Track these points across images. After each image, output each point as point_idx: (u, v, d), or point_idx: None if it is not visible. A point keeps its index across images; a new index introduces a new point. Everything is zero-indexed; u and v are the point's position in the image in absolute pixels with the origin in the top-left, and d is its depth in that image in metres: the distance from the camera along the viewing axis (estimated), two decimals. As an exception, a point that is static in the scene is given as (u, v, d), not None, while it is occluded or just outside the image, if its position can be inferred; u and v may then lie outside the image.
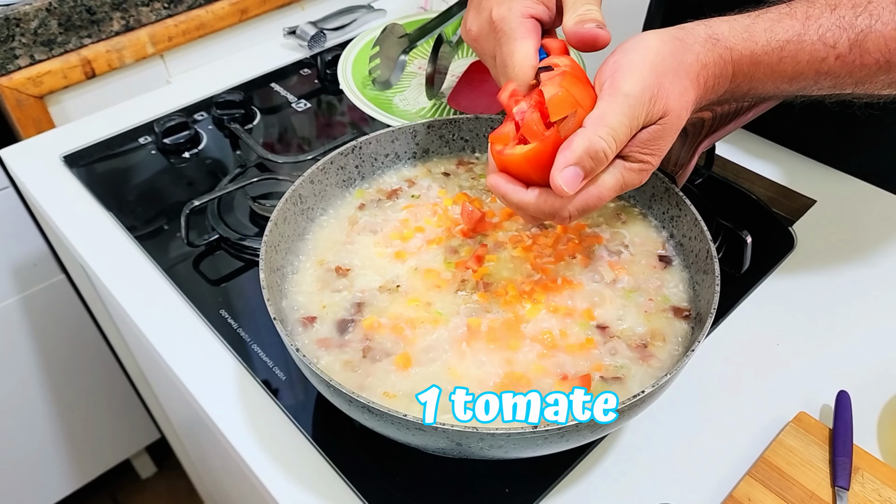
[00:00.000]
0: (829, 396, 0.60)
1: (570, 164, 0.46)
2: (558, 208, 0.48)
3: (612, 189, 0.48)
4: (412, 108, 0.86)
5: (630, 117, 0.46)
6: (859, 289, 0.70)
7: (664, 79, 0.47)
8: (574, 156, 0.45)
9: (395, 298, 0.56)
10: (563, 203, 0.48)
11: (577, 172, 0.46)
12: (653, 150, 0.48)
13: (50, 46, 0.95)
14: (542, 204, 0.48)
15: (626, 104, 0.46)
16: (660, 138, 0.48)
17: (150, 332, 0.68)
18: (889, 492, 0.53)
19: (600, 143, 0.45)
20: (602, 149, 0.45)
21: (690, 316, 0.55)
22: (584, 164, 0.46)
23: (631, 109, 0.46)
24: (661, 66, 0.47)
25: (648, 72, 0.46)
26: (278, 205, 0.57)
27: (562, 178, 0.46)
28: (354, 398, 0.44)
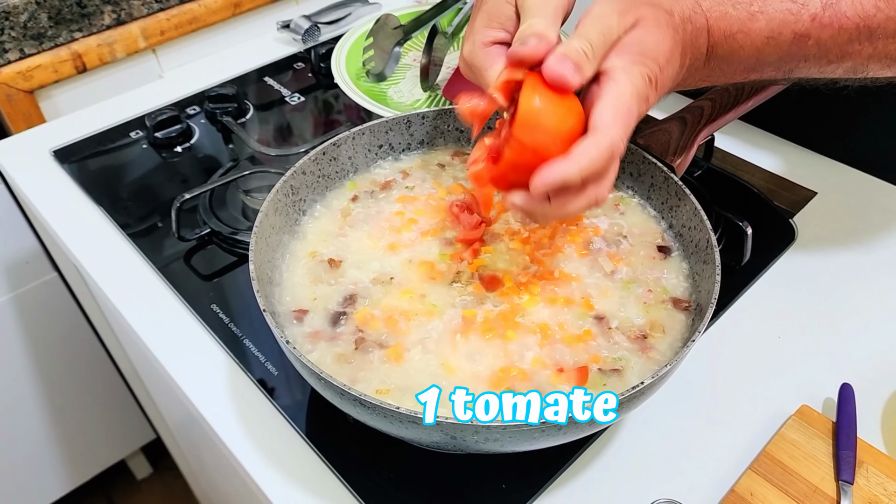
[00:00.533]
0: (831, 389, 0.59)
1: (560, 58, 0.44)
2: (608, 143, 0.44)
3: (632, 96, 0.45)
4: (407, 99, 0.85)
5: (599, 25, 0.45)
6: (861, 280, 0.69)
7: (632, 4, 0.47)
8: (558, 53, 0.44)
9: (388, 290, 0.55)
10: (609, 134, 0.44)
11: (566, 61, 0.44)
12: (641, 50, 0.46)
13: (40, 40, 0.93)
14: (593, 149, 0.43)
15: (593, 18, 0.45)
16: (645, 38, 0.46)
17: (141, 328, 0.67)
18: (894, 485, 0.52)
19: (574, 42, 0.45)
20: (579, 46, 0.44)
21: (690, 307, 0.53)
22: (569, 57, 0.44)
23: (598, 20, 0.45)
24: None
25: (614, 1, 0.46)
26: (269, 195, 0.55)
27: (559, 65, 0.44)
28: (346, 391, 0.43)
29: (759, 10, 0.50)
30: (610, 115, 0.44)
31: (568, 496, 0.53)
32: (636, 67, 0.46)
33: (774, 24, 0.50)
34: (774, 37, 0.50)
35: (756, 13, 0.50)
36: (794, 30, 0.50)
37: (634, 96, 0.45)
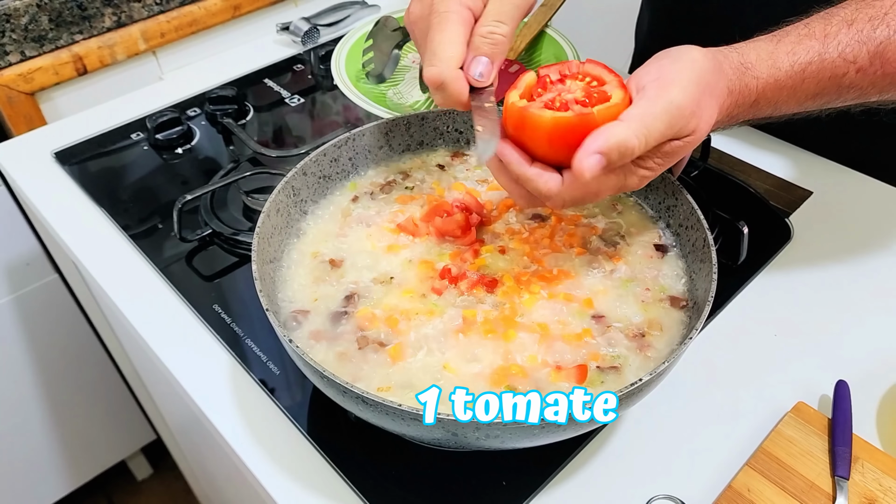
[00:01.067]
0: (827, 386, 0.59)
1: (599, 152, 0.44)
2: (555, 193, 0.47)
3: (611, 189, 0.48)
4: (406, 101, 0.86)
5: (668, 125, 0.45)
6: (857, 279, 0.70)
7: (704, 96, 0.47)
8: (606, 145, 0.44)
9: (389, 290, 0.55)
10: (560, 190, 0.47)
11: (600, 161, 0.44)
12: (666, 161, 0.48)
13: (41, 43, 0.94)
14: (542, 183, 0.47)
15: (669, 113, 0.45)
16: (677, 153, 0.48)
17: (144, 328, 0.67)
18: (890, 481, 0.53)
19: (633, 141, 0.44)
20: (633, 147, 0.44)
21: (687, 305, 0.54)
22: (611, 156, 0.44)
23: (672, 119, 0.45)
24: (704, 83, 0.47)
25: (695, 86, 0.46)
26: (271, 196, 0.56)
27: (587, 163, 0.44)
28: (349, 389, 0.43)
29: (811, 75, 0.51)
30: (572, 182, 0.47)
31: (568, 492, 0.54)
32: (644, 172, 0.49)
33: (823, 83, 0.51)
34: (819, 93, 0.52)
35: (808, 78, 0.51)
36: (840, 84, 0.51)
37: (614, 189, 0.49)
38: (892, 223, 0.75)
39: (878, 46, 0.50)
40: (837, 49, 0.50)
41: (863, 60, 0.51)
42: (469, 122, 0.67)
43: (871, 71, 0.51)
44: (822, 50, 0.50)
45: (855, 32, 0.51)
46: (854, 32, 0.51)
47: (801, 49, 0.51)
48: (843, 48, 0.50)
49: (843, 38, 0.51)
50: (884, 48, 0.50)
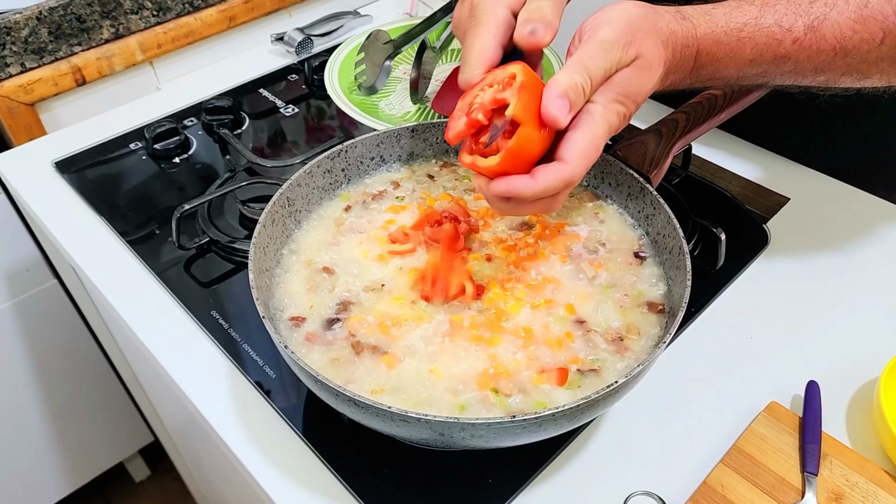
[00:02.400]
0: (799, 387, 0.62)
1: (559, 97, 0.48)
2: (569, 175, 0.48)
3: (602, 136, 0.50)
4: (397, 112, 0.88)
5: (604, 59, 0.49)
6: (831, 283, 0.72)
7: (638, 32, 0.50)
8: (558, 89, 0.47)
9: (380, 297, 0.58)
10: (571, 168, 0.48)
11: (564, 103, 0.48)
12: (626, 91, 0.50)
13: (40, 54, 0.96)
14: (555, 179, 0.48)
15: (601, 48, 0.49)
16: (631, 81, 0.50)
17: (143, 333, 0.69)
18: (857, 477, 0.56)
19: (577, 77, 0.48)
20: (580, 82, 0.48)
21: (664, 310, 0.57)
22: (568, 95, 0.48)
23: (604, 52, 0.49)
24: (636, 22, 0.50)
25: (624, 24, 0.50)
26: (266, 207, 0.58)
27: (554, 109, 0.47)
28: (341, 392, 0.46)
29: (747, 36, 0.53)
30: (577, 151, 0.49)
31: (551, 489, 0.57)
32: (615, 106, 0.50)
33: (759, 48, 0.54)
34: (756, 59, 0.54)
35: (744, 39, 0.53)
36: (776, 52, 0.54)
37: (605, 134, 0.50)
38: (865, 229, 0.78)
39: (813, 21, 0.53)
40: (773, 17, 0.53)
41: (798, 31, 0.53)
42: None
43: (806, 44, 0.53)
44: (759, 15, 0.53)
45: (793, 5, 0.53)
46: (792, 5, 0.53)
47: (738, 12, 0.54)
48: (779, 17, 0.53)
49: (780, 9, 0.53)
50: (819, 23, 0.53)
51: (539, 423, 0.46)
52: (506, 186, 0.49)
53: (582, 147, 0.49)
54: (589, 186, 0.68)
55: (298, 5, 1.18)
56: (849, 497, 0.54)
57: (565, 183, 0.49)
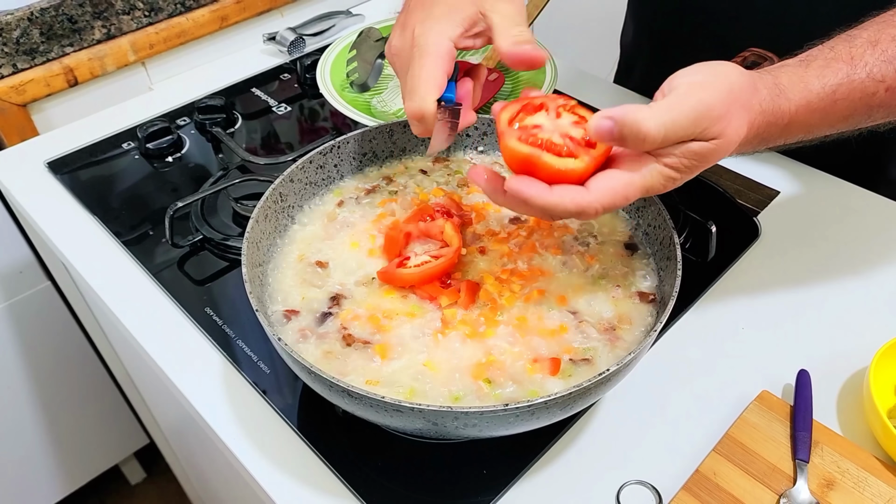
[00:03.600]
0: (790, 376, 0.63)
1: (611, 118, 0.45)
2: (586, 204, 0.47)
3: (639, 189, 0.48)
4: (389, 109, 0.89)
5: (692, 122, 0.46)
6: (820, 274, 0.73)
7: (734, 106, 0.47)
8: (621, 116, 0.45)
9: (371, 291, 0.58)
10: (590, 199, 0.47)
11: (610, 127, 0.45)
12: (691, 165, 0.48)
13: (32, 55, 0.96)
14: (570, 202, 0.47)
15: (696, 110, 0.46)
16: (703, 157, 0.48)
17: (138, 332, 0.69)
18: (847, 463, 0.56)
19: (650, 123, 0.45)
20: (647, 130, 0.45)
21: (655, 300, 0.57)
22: (623, 129, 0.45)
23: (698, 116, 0.46)
24: (736, 94, 0.48)
25: (727, 93, 0.47)
26: (259, 203, 0.59)
27: (597, 123, 0.46)
28: (335, 383, 0.46)
29: (842, 97, 0.51)
30: (604, 187, 0.47)
31: (545, 479, 0.57)
32: (668, 171, 0.48)
33: (854, 105, 0.52)
34: (851, 115, 0.53)
35: (839, 100, 0.51)
36: (870, 104, 0.53)
37: (641, 190, 0.48)
38: (853, 221, 0.79)
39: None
40: (865, 70, 0.51)
41: (891, 79, 0.51)
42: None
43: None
44: (851, 71, 0.51)
45: (880, 52, 0.52)
46: (879, 52, 0.52)
47: (830, 72, 0.51)
48: (870, 69, 0.51)
49: (870, 59, 0.52)
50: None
51: (531, 412, 0.46)
52: (521, 187, 0.47)
53: (611, 186, 0.47)
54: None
55: (290, 5, 1.18)
56: (840, 483, 0.55)
57: (578, 210, 0.47)
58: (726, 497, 0.54)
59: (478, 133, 0.71)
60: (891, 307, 0.70)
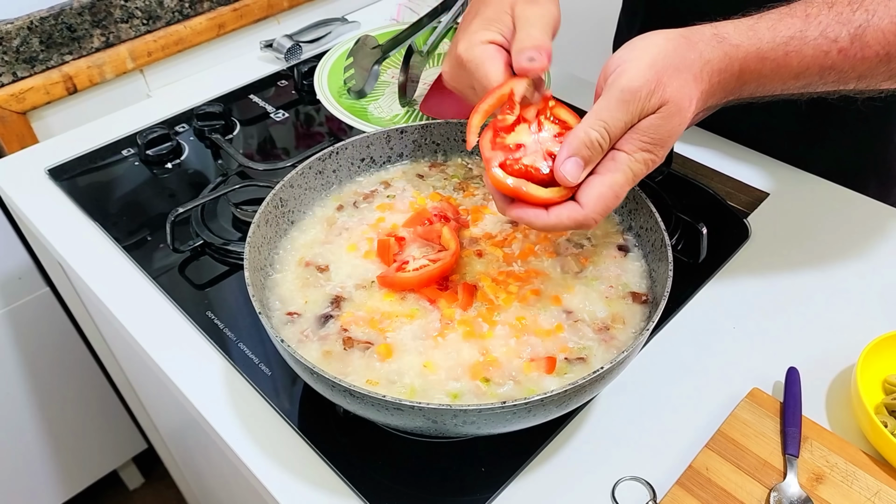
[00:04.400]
0: (780, 374, 0.64)
1: (570, 156, 0.50)
2: (582, 218, 0.51)
3: (624, 184, 0.51)
4: (386, 115, 0.90)
5: (623, 111, 0.49)
6: (809, 274, 0.75)
7: (663, 74, 0.49)
8: (571, 148, 0.50)
9: (371, 293, 0.60)
10: (585, 212, 0.51)
11: (576, 162, 0.50)
12: (653, 138, 0.50)
13: (32, 63, 0.97)
14: (567, 220, 0.51)
15: (620, 98, 0.49)
16: (658, 127, 0.50)
17: (140, 335, 0.70)
18: (836, 458, 0.58)
19: (593, 133, 0.49)
20: (595, 138, 0.49)
21: (648, 300, 0.59)
22: (581, 153, 0.50)
23: (625, 104, 0.49)
24: (662, 63, 0.49)
25: (647, 68, 0.49)
26: (260, 208, 0.60)
27: (564, 170, 0.50)
28: (337, 383, 0.47)
29: (794, 49, 0.52)
30: (594, 197, 0.51)
31: (542, 476, 0.58)
32: (640, 154, 0.51)
33: (806, 61, 0.53)
34: (803, 72, 0.54)
35: (791, 53, 0.52)
36: (822, 64, 0.53)
37: (628, 182, 0.51)
38: (841, 221, 0.81)
39: (857, 29, 0.52)
40: (819, 28, 0.52)
41: (844, 41, 0.52)
42: (445, 134, 0.72)
43: (851, 53, 0.53)
44: (804, 27, 0.52)
45: (835, 14, 0.53)
46: (834, 14, 0.53)
47: (783, 25, 0.52)
48: (824, 28, 0.52)
49: (824, 19, 0.52)
50: (863, 31, 0.52)
51: (529, 409, 0.47)
52: (520, 214, 0.52)
53: (598, 193, 0.50)
54: (574, 183, 0.70)
55: (286, 12, 1.19)
56: (829, 477, 0.56)
57: (577, 225, 0.51)
58: (718, 491, 0.56)
59: (473, 138, 0.72)
60: (877, 306, 0.71)
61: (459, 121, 0.71)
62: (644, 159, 0.51)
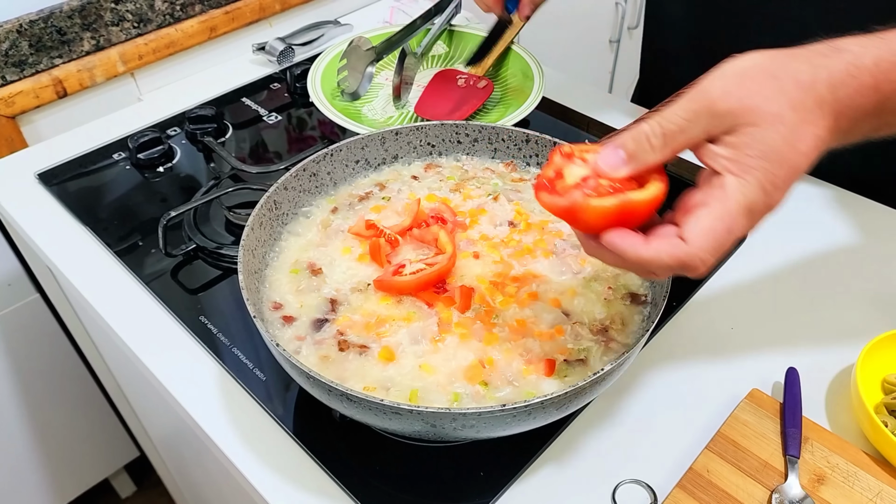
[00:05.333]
0: (779, 374, 0.64)
1: (614, 146, 0.44)
2: (686, 257, 0.41)
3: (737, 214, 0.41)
4: (380, 117, 0.90)
5: (686, 109, 0.42)
6: (807, 274, 0.75)
7: (751, 79, 0.41)
8: (616, 140, 0.44)
9: (367, 297, 0.59)
10: (689, 249, 0.41)
11: (616, 151, 0.44)
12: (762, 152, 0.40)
13: (21, 67, 0.96)
14: (667, 256, 0.42)
15: (687, 97, 0.42)
16: (762, 140, 0.41)
17: (132, 341, 0.69)
18: (837, 458, 0.57)
19: (644, 126, 0.43)
20: (645, 130, 0.43)
21: (647, 301, 0.58)
22: (626, 145, 0.44)
23: (690, 101, 0.42)
24: (751, 71, 0.42)
25: (732, 74, 0.42)
26: (254, 210, 0.59)
27: (601, 158, 0.44)
28: (334, 387, 0.46)
29: None
30: (699, 231, 0.41)
31: (541, 480, 0.57)
32: (752, 175, 0.41)
33: None
34: None
35: None
36: None
37: (740, 213, 0.41)
38: (837, 222, 0.80)
39: None
40: None
41: None
42: (439, 135, 0.71)
43: None
44: None
45: None
46: None
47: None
48: None
49: None
50: None
51: (528, 412, 0.47)
52: (615, 240, 0.43)
53: (707, 227, 0.41)
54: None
55: (279, 15, 1.19)
56: (830, 478, 0.56)
57: (679, 264, 0.42)
58: (720, 493, 0.55)
59: (469, 139, 0.72)
60: (875, 306, 0.71)
61: (454, 122, 0.71)
62: (759, 182, 0.41)
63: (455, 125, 0.71)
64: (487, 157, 0.72)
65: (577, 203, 0.44)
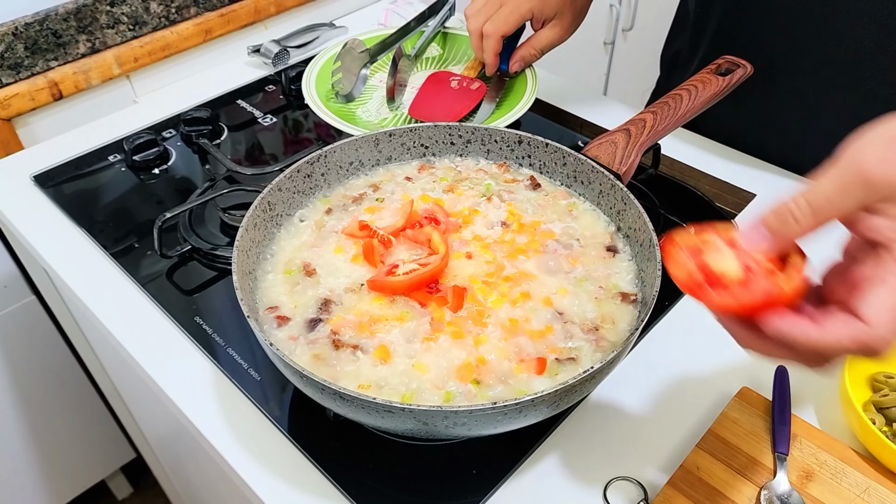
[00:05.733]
0: (769, 372, 0.65)
1: (757, 223, 0.43)
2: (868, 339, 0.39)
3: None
4: (375, 118, 0.90)
5: (834, 184, 0.40)
6: (796, 273, 0.75)
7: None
8: (760, 216, 0.43)
9: (360, 297, 0.59)
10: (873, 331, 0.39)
11: (758, 227, 0.43)
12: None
13: (17, 69, 0.96)
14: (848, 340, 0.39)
15: (836, 171, 0.40)
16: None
17: (128, 342, 0.70)
18: (825, 455, 0.58)
19: (789, 202, 0.42)
20: (789, 208, 0.41)
21: (637, 300, 0.59)
22: (767, 220, 0.43)
23: (840, 177, 0.40)
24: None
25: (881, 141, 0.40)
26: (248, 212, 0.60)
27: (745, 233, 0.44)
28: (327, 386, 0.47)
29: None
30: (883, 310, 0.39)
31: (533, 478, 0.58)
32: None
33: None
34: None
35: None
36: None
37: None
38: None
39: None
40: None
41: None
42: (433, 137, 0.72)
43: None
44: None
45: None
46: None
47: None
48: None
49: None
50: None
51: (519, 409, 0.47)
52: (783, 327, 0.41)
53: (887, 305, 0.38)
54: (562, 185, 0.70)
55: (274, 18, 1.19)
56: (818, 475, 0.57)
57: (861, 347, 0.39)
58: (709, 490, 0.56)
59: (462, 141, 0.72)
60: (864, 304, 0.72)
61: (447, 123, 0.71)
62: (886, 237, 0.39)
63: (448, 127, 0.71)
64: (481, 159, 0.73)
65: (771, 294, 0.41)
